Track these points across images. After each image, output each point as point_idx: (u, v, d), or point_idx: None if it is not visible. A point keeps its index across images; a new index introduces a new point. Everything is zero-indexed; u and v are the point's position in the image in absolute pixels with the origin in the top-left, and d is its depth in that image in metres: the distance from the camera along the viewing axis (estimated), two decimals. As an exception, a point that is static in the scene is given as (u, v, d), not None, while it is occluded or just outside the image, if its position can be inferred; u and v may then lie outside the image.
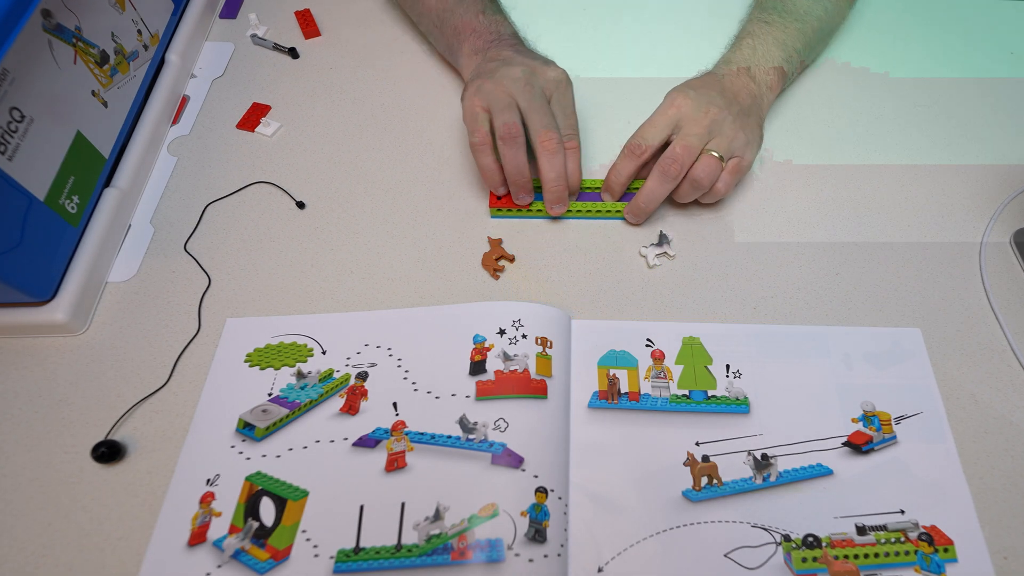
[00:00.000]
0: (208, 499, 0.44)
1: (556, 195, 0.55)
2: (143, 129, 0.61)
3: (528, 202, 0.56)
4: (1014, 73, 0.68)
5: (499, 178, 0.55)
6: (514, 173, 0.54)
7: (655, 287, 0.54)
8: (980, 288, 0.53)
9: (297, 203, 0.59)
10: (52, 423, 0.48)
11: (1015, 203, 0.58)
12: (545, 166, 0.53)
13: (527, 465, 0.44)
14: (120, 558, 0.42)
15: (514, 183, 0.55)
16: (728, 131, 0.54)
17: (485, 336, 0.50)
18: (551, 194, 0.54)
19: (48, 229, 0.50)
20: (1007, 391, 0.48)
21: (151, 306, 0.53)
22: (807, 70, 0.68)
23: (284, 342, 0.51)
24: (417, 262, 0.56)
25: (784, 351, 0.50)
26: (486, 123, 0.53)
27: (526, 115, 0.53)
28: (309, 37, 0.72)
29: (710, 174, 0.53)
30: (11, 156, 0.47)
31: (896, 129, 0.64)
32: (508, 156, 0.53)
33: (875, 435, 0.46)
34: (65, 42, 0.53)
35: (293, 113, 0.66)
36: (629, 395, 0.48)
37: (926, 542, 0.42)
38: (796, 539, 0.42)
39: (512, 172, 0.54)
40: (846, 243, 0.56)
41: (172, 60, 0.66)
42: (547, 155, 0.53)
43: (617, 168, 0.56)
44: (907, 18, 0.73)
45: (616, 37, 0.72)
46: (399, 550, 0.41)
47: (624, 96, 0.66)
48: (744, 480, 0.45)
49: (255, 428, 0.46)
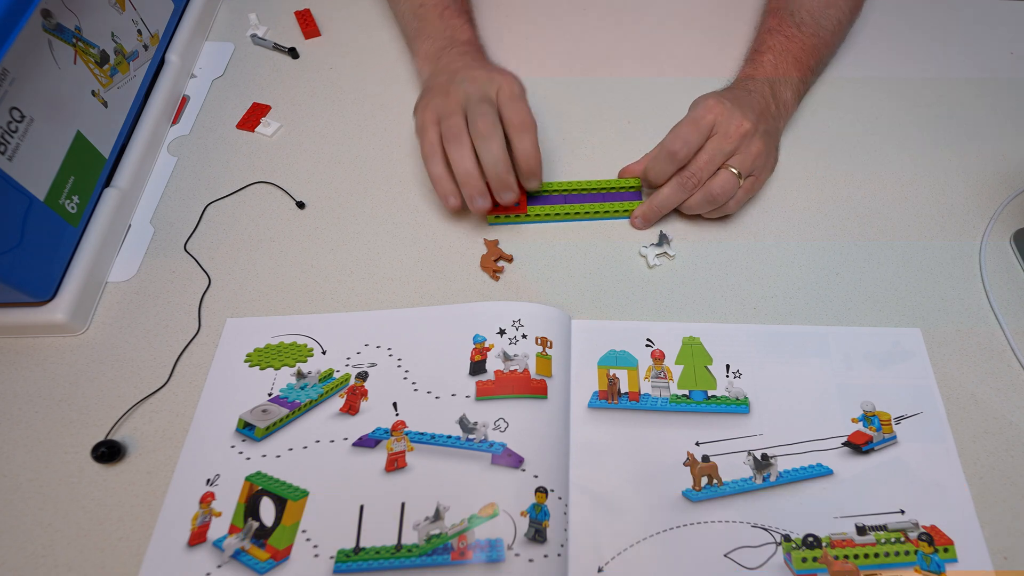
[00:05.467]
0: (208, 499, 0.44)
1: (495, 183, 0.51)
2: (143, 129, 0.61)
3: (512, 199, 0.53)
4: (1014, 73, 0.68)
5: (450, 186, 0.52)
6: (463, 174, 0.51)
7: (655, 287, 0.54)
8: (980, 288, 0.53)
9: (297, 203, 0.59)
10: (52, 423, 0.48)
11: (1015, 203, 0.58)
12: (480, 149, 0.50)
13: (527, 465, 0.44)
14: (120, 558, 0.42)
15: (465, 185, 0.51)
16: (753, 149, 0.53)
17: (485, 336, 0.50)
18: (491, 182, 0.51)
19: (48, 229, 0.50)
20: (1007, 391, 0.48)
21: (151, 306, 0.53)
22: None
23: (284, 342, 0.51)
24: (417, 262, 0.56)
25: (784, 351, 0.50)
26: (435, 133, 0.52)
27: (470, 117, 0.51)
28: (309, 37, 0.72)
29: (727, 191, 0.53)
30: (11, 156, 0.47)
31: (896, 129, 0.64)
32: (454, 156, 0.51)
33: (875, 435, 0.46)
34: (65, 42, 0.53)
35: (293, 113, 0.66)
36: (629, 395, 0.48)
37: (926, 542, 0.42)
38: (796, 539, 0.42)
39: (461, 174, 0.51)
40: (846, 243, 0.56)
41: (172, 60, 0.66)
42: (479, 139, 0.50)
43: (666, 196, 0.54)
44: (907, 18, 0.73)
45: (616, 37, 0.72)
46: (399, 550, 0.42)
47: (623, 96, 0.66)
48: (744, 480, 0.45)
49: (255, 428, 0.46)
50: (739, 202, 0.55)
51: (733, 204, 0.54)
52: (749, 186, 0.54)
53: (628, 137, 0.63)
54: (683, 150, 0.53)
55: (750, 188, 0.54)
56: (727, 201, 0.54)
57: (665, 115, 0.66)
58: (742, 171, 0.53)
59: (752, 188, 0.55)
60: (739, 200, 0.54)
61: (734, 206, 0.55)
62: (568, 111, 0.66)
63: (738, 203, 0.55)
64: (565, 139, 0.63)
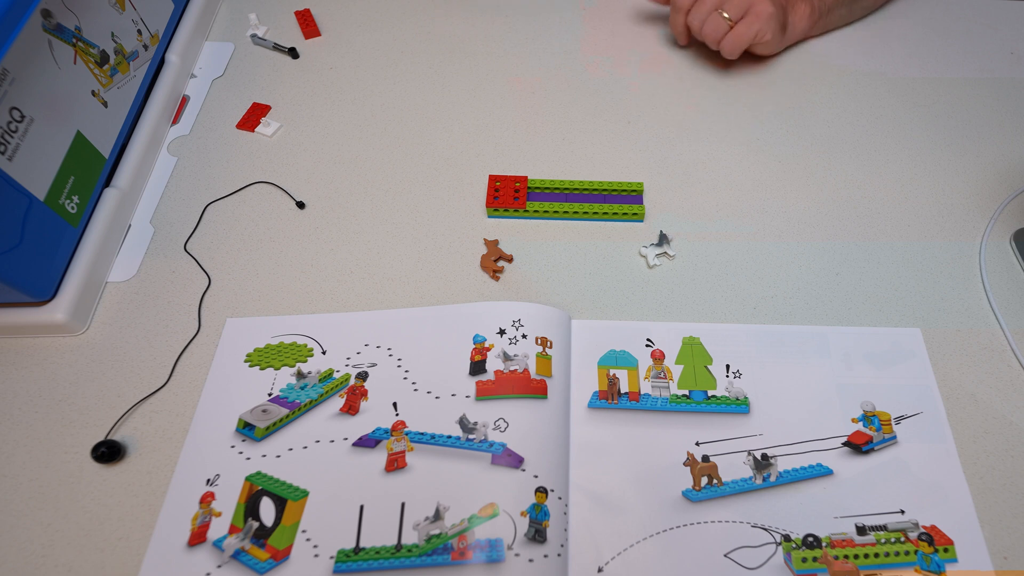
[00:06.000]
0: (208, 499, 0.44)
1: None
2: (143, 129, 0.61)
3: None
4: (1014, 73, 0.68)
5: None
6: None
7: (655, 287, 0.54)
8: (980, 288, 0.53)
9: (297, 203, 0.59)
10: (52, 423, 0.48)
11: (1015, 203, 0.58)
12: None
13: (527, 465, 0.44)
14: (120, 558, 0.42)
15: None
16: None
17: (485, 336, 0.50)
18: None
19: (48, 229, 0.50)
20: (1007, 391, 0.48)
21: (151, 306, 0.53)
22: (816, 62, 0.68)
23: (284, 342, 0.51)
24: (417, 262, 0.56)
25: (784, 351, 0.50)
26: None
27: None
28: (309, 37, 0.72)
29: (715, 32, 0.63)
30: (11, 156, 0.47)
31: (896, 129, 0.64)
32: None
33: (875, 435, 0.46)
34: (65, 42, 0.53)
35: (293, 113, 0.66)
36: (629, 395, 0.48)
37: (926, 542, 0.42)
38: (796, 539, 0.42)
39: None
40: (846, 243, 0.56)
41: (172, 60, 0.66)
42: None
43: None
44: (907, 18, 0.73)
45: (617, 36, 0.72)
46: (399, 550, 0.42)
47: (626, 94, 0.66)
48: (744, 480, 0.45)
49: (255, 428, 0.46)
50: (733, 45, 0.63)
51: (727, 46, 0.63)
52: (741, 30, 0.62)
53: (627, 138, 0.63)
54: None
55: (741, 32, 0.62)
56: (719, 42, 0.63)
57: (665, 115, 0.66)
58: (732, 16, 0.62)
59: (743, 33, 0.62)
60: (731, 43, 0.63)
61: (728, 48, 0.63)
62: (568, 111, 0.66)
63: (732, 46, 0.63)
64: (565, 139, 0.63)
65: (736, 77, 0.68)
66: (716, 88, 0.67)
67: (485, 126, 0.65)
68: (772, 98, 0.66)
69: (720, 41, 0.63)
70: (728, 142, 0.63)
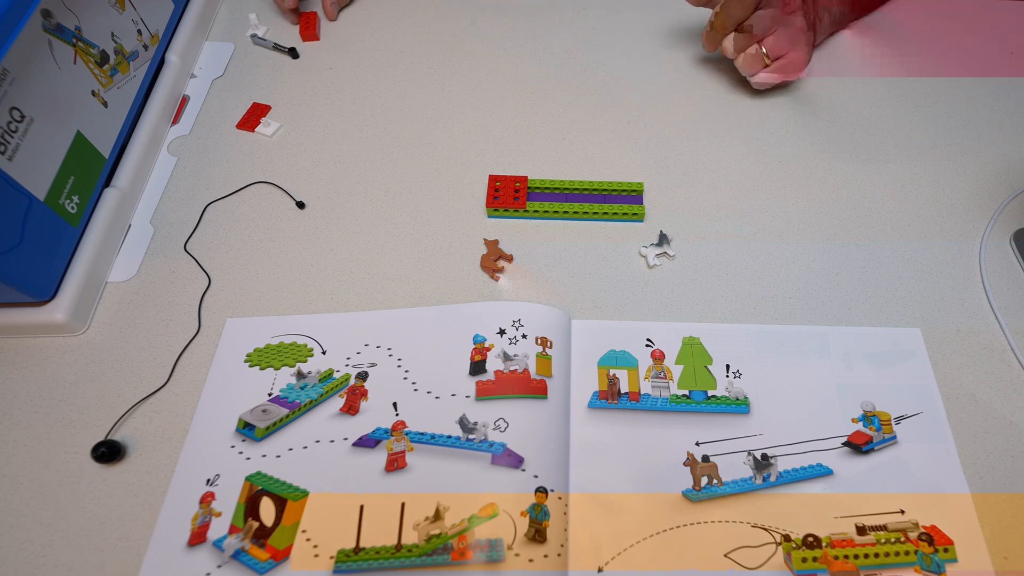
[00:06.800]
0: (208, 499, 0.44)
1: None
2: (143, 129, 0.61)
3: None
4: (1014, 73, 0.68)
5: None
6: None
7: (655, 287, 0.54)
8: (980, 288, 0.53)
9: (297, 203, 0.59)
10: (52, 423, 0.48)
11: (1015, 203, 0.58)
12: None
13: (527, 465, 0.44)
14: (120, 558, 0.42)
15: None
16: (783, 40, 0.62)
17: (485, 336, 0.50)
18: None
19: (48, 229, 0.50)
20: (1007, 391, 0.48)
21: (151, 306, 0.53)
22: (816, 62, 0.68)
23: (284, 342, 0.51)
24: (417, 262, 0.56)
25: (784, 351, 0.50)
26: None
27: None
28: (308, 38, 0.72)
29: (751, 66, 0.63)
30: (11, 156, 0.47)
31: (896, 129, 0.64)
32: None
33: (875, 435, 0.46)
34: (65, 42, 0.53)
35: (293, 113, 0.66)
36: (629, 395, 0.48)
37: (926, 542, 0.42)
38: (796, 539, 0.42)
39: None
40: (846, 243, 0.56)
41: (172, 60, 0.66)
42: None
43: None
44: (907, 17, 0.73)
45: (616, 37, 0.72)
46: (399, 550, 0.41)
47: (626, 94, 0.66)
48: (744, 480, 0.45)
49: (255, 428, 0.46)
50: (764, 82, 0.64)
51: (758, 81, 0.64)
52: (777, 75, 0.63)
53: (629, 140, 0.63)
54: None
55: (776, 76, 0.63)
56: (753, 76, 0.63)
57: (665, 115, 0.66)
58: (771, 55, 0.62)
59: (778, 78, 0.63)
60: (764, 81, 0.64)
61: (758, 83, 0.64)
62: (568, 111, 0.66)
63: (763, 83, 0.64)
64: (565, 139, 0.63)
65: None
66: (716, 88, 0.67)
67: (485, 126, 0.65)
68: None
69: (754, 76, 0.63)
70: (728, 142, 0.63)
